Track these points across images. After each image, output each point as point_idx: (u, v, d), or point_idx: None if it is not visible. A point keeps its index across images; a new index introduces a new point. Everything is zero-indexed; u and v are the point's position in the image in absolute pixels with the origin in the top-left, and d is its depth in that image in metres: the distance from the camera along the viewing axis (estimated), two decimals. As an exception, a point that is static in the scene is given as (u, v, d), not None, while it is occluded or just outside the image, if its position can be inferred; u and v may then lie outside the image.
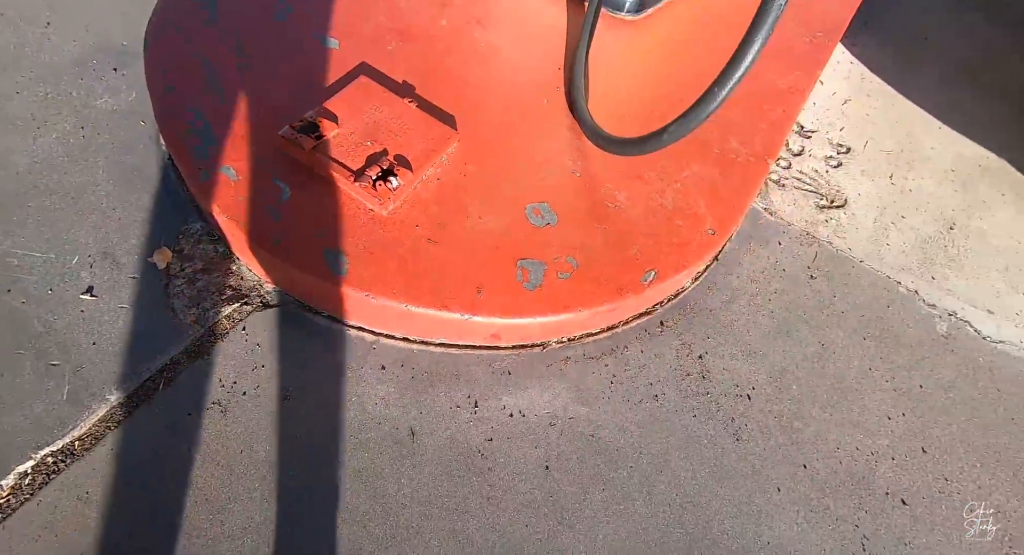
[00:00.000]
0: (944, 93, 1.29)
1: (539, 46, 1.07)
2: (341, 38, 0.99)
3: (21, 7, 1.04)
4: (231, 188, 0.80)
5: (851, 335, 0.93)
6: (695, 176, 0.95)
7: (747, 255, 0.99)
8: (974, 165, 1.19)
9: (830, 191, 1.11)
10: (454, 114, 0.93)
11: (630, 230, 0.87)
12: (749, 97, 1.07)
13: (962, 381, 0.90)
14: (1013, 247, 1.07)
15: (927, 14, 1.46)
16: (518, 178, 0.89)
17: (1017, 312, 0.99)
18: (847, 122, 1.22)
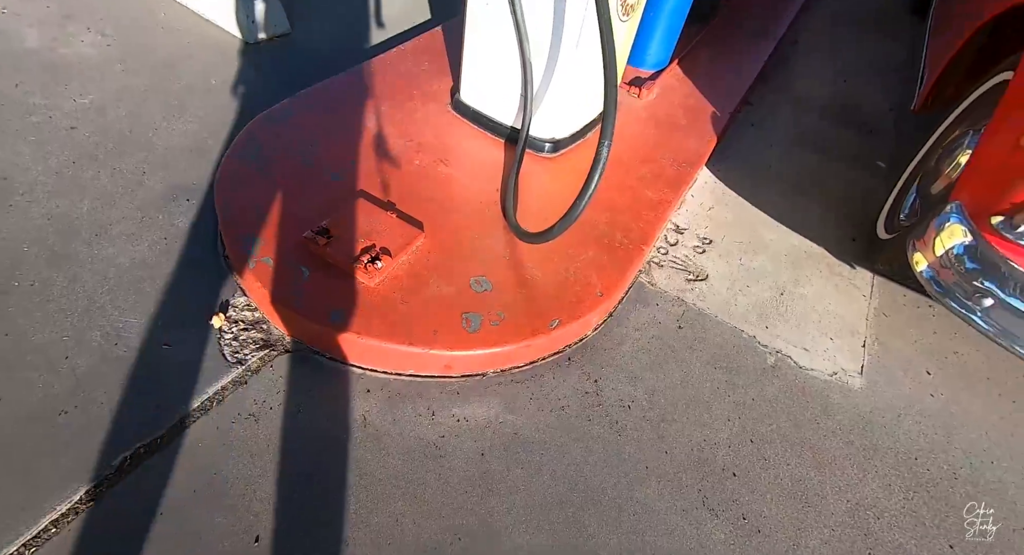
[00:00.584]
0: (780, 203, 1.80)
1: (483, 175, 1.56)
2: (345, 174, 1.46)
3: (123, 164, 1.51)
4: (268, 271, 1.20)
5: (706, 366, 1.30)
6: (590, 258, 1.38)
7: (633, 313, 1.39)
8: (800, 252, 1.65)
9: (696, 269, 1.54)
10: (422, 220, 1.37)
11: (542, 294, 1.27)
12: (632, 205, 1.54)
13: (782, 396, 1.26)
14: (824, 307, 1.49)
15: (770, 149, 2.03)
16: (465, 260, 1.30)
17: (824, 350, 1.38)
18: (710, 223, 1.70)
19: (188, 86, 1.79)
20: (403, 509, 0.98)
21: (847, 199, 1.84)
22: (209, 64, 1.90)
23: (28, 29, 1.86)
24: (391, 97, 1.75)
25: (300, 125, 1.58)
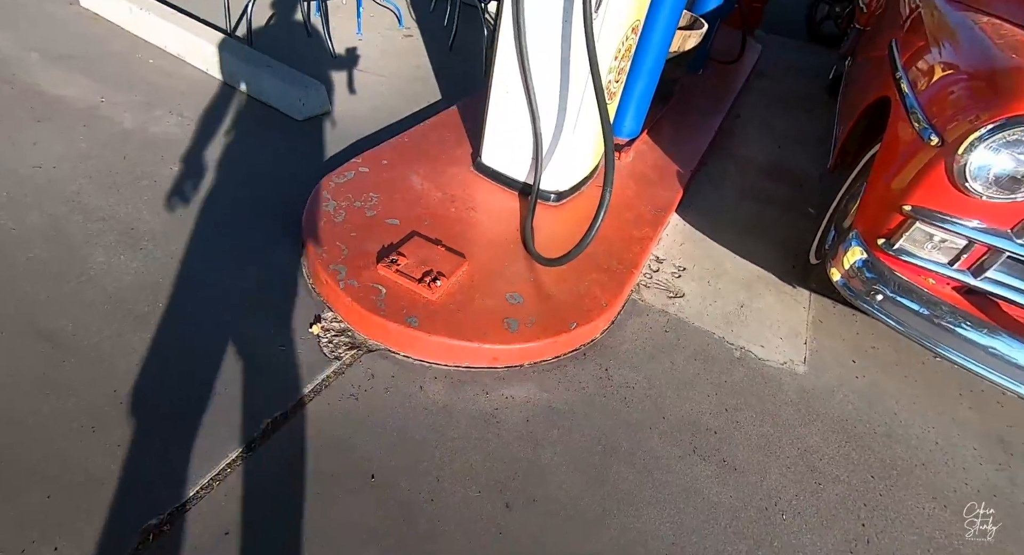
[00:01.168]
0: (735, 240, 2.27)
1: (505, 219, 1.98)
2: (401, 219, 1.87)
3: (218, 215, 1.88)
4: (355, 290, 1.56)
5: (688, 359, 1.69)
6: (594, 279, 1.79)
7: (630, 321, 1.79)
8: (754, 276, 2.10)
9: (675, 289, 1.97)
10: (463, 252, 1.77)
11: (561, 304, 1.66)
12: (623, 240, 1.98)
13: (746, 379, 1.66)
14: (773, 316, 1.92)
15: (723, 199, 2.54)
16: (500, 281, 1.70)
17: (775, 346, 1.79)
18: (683, 255, 2.15)
19: (255, 155, 2.20)
20: (474, 458, 1.31)
21: (786, 236, 2.34)
22: (268, 137, 2.33)
23: (124, 114, 2.26)
24: (426, 160, 2.19)
25: (358, 183, 1.99)
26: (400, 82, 3.02)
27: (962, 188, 1.34)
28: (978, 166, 1.29)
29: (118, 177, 1.93)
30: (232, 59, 2.57)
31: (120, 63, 2.60)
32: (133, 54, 2.72)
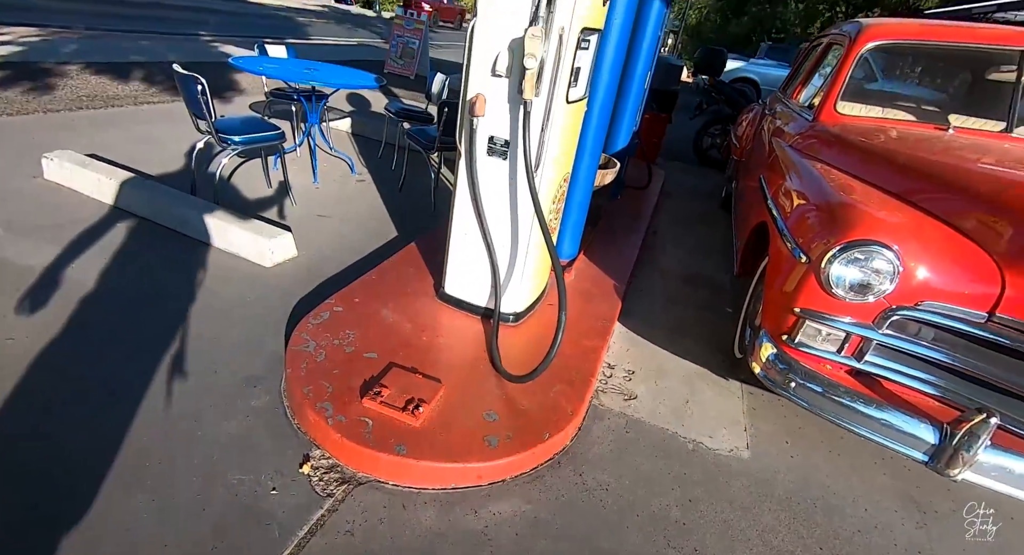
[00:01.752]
0: (671, 342, 2.60)
1: (471, 341, 2.20)
2: (378, 353, 2.04)
3: (201, 365, 1.98)
4: (343, 425, 1.68)
5: (649, 456, 1.89)
6: (559, 390, 2.00)
7: (594, 425, 1.99)
8: (692, 373, 2.40)
9: (628, 392, 2.21)
10: (439, 376, 1.94)
11: (533, 417, 1.85)
12: (577, 352, 2.23)
13: (701, 468, 1.86)
14: (715, 407, 2.19)
15: (654, 307, 2.92)
16: (475, 400, 1.87)
17: (721, 436, 2.04)
18: (630, 359, 2.43)
19: (227, 303, 2.36)
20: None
21: (712, 335, 2.70)
22: (241, 285, 2.50)
23: (94, 276, 2.38)
24: (394, 295, 2.43)
25: (335, 322, 2.18)
26: (359, 223, 3.34)
27: (830, 293, 1.73)
28: (836, 277, 1.70)
29: (92, 335, 2.01)
30: (199, 216, 2.79)
31: (87, 229, 2.75)
32: (100, 218, 2.89)
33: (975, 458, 1.52)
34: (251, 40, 10.93)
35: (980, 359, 1.64)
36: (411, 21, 9.44)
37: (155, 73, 5.91)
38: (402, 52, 9.46)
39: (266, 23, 14.79)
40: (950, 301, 1.62)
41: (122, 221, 2.87)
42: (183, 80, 2.85)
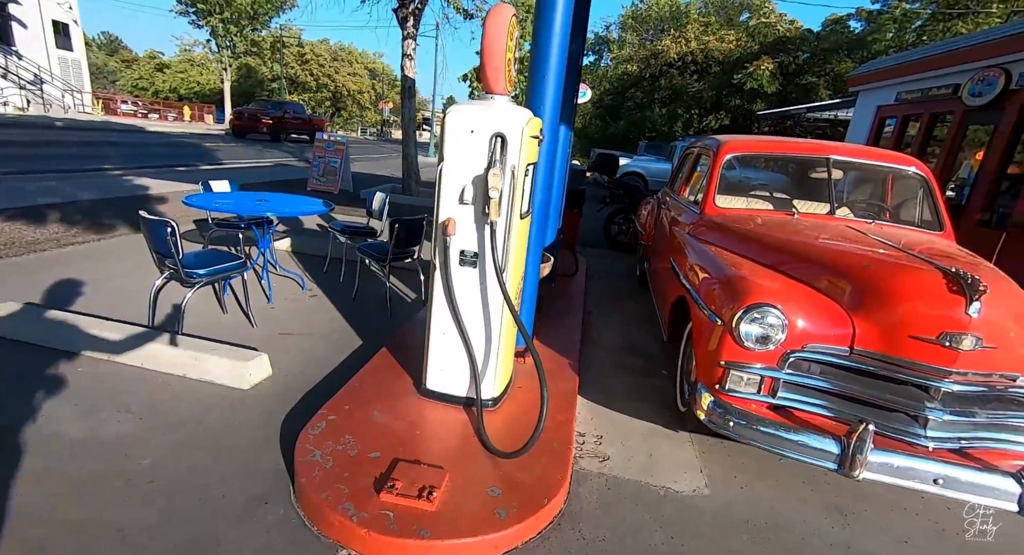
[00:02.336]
0: (625, 405, 3.00)
1: (460, 428, 2.45)
2: (380, 451, 2.23)
3: (208, 492, 2.06)
4: (368, 521, 1.84)
5: (632, 504, 2.19)
6: (545, 461, 2.28)
7: (580, 487, 2.27)
8: (648, 429, 2.79)
9: (601, 454, 2.53)
10: (441, 464, 2.16)
11: (530, 486, 2.10)
12: (553, 426, 2.54)
13: (675, 512, 2.19)
14: (672, 456, 2.57)
15: (603, 376, 3.34)
16: (478, 479, 2.10)
17: (684, 480, 2.40)
18: (596, 426, 2.77)
19: (217, 429, 2.45)
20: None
21: (657, 396, 3.14)
22: (222, 410, 2.60)
23: (69, 425, 2.39)
24: (380, 398, 2.65)
25: (332, 430, 2.35)
26: (322, 336, 3.54)
27: (743, 347, 2.25)
28: (744, 334, 2.23)
29: (87, 486, 2.01)
30: (165, 348, 2.87)
31: (49, 378, 2.73)
32: (61, 367, 2.88)
33: (867, 459, 2.00)
34: (161, 170, 11.13)
35: (852, 382, 2.19)
36: (331, 143, 10.14)
37: (71, 213, 5.86)
38: (324, 171, 10.03)
39: (172, 151, 14.92)
40: (824, 342, 2.19)
41: (82, 366, 2.87)
42: (152, 225, 3.04)
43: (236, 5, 34.03)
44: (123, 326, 3.09)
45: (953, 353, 1.96)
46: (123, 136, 18.15)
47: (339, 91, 47.19)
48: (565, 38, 2.74)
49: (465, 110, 2.29)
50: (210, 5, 33.60)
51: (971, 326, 1.92)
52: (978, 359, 1.97)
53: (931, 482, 1.99)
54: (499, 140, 2.24)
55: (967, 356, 1.96)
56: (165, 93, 44.93)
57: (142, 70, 48.20)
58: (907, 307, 2.05)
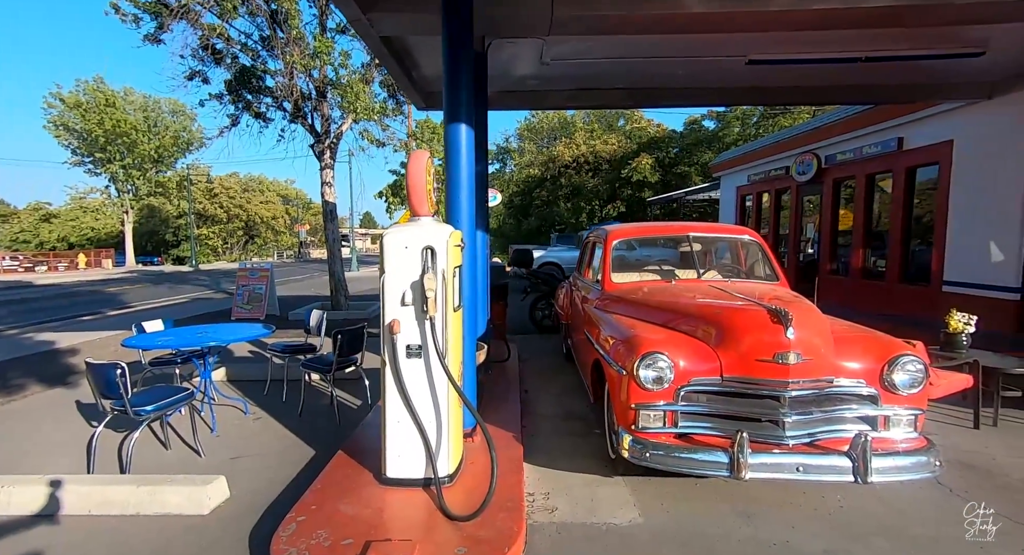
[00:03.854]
0: (568, 463, 3.38)
1: (422, 505, 2.71)
2: (353, 538, 2.44)
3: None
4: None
5: (581, 544, 2.52)
6: (502, 517, 2.59)
7: (534, 536, 2.57)
8: (591, 480, 3.17)
9: (551, 507, 2.86)
10: (410, 537, 2.41)
11: (493, 541, 2.39)
12: (505, 487, 2.86)
13: (618, 542, 2.56)
14: (611, 499, 2.96)
15: (546, 442, 3.73)
16: (445, 545, 2.37)
17: (621, 512, 2.78)
18: (542, 484, 3.12)
19: (195, 543, 2.55)
20: None
21: (594, 451, 3.56)
22: (191, 540, 2.69)
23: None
24: (343, 492, 2.85)
25: (304, 529, 2.53)
26: (274, 454, 3.67)
27: (644, 389, 2.80)
28: (643, 378, 2.79)
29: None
30: (115, 489, 2.90)
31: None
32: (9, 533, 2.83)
33: (748, 461, 2.53)
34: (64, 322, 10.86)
35: (727, 404, 2.79)
36: (255, 271, 10.36)
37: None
38: (248, 298, 10.11)
39: (71, 302, 14.20)
40: (702, 375, 2.80)
41: (31, 529, 2.84)
42: (100, 369, 3.18)
43: (139, 151, 34.44)
44: (66, 476, 3.07)
45: (786, 367, 2.63)
46: (7, 293, 17.02)
47: (251, 220, 47.39)
48: (471, 165, 3.51)
49: (399, 231, 2.86)
50: (109, 154, 33.72)
51: (792, 345, 2.62)
52: (803, 369, 2.65)
53: (795, 470, 2.55)
54: (429, 251, 2.81)
55: (795, 368, 2.63)
56: (52, 243, 42.63)
57: (23, 223, 45.82)
58: (748, 338, 2.73)
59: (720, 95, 6.77)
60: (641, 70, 6.16)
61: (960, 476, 3.17)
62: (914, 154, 8.23)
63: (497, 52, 5.43)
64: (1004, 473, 3.22)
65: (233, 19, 9.18)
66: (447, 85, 3.63)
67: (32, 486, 2.95)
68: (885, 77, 6.44)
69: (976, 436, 3.80)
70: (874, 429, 2.74)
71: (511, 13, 4.40)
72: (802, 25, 4.67)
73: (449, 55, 3.59)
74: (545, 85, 6.81)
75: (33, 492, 2.92)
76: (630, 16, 4.47)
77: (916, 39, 5.05)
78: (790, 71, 6.03)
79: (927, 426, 3.95)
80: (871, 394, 2.72)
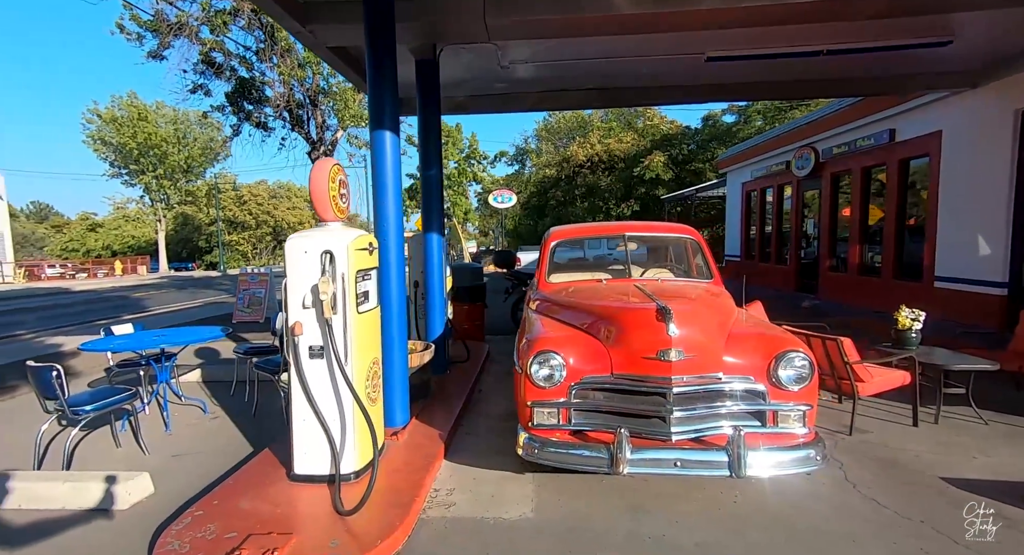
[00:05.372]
0: (487, 462, 3.43)
1: (321, 500, 2.81)
2: (238, 531, 2.55)
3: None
4: (214, 582, 2.16)
5: (467, 538, 2.57)
6: (394, 513, 2.66)
7: (421, 530, 2.64)
8: (500, 477, 3.21)
9: (449, 502, 2.92)
10: (291, 531, 2.51)
11: (372, 535, 2.47)
12: (408, 483, 2.94)
13: (510, 535, 2.60)
14: (508, 491, 3.00)
15: (477, 441, 3.78)
16: (325, 537, 2.46)
17: (508, 509, 2.82)
18: (454, 481, 3.17)
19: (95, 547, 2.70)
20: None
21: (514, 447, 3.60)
22: (105, 532, 2.85)
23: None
24: (252, 488, 2.98)
25: (198, 523, 2.65)
26: (216, 453, 3.81)
27: (538, 386, 2.84)
28: (535, 375, 2.83)
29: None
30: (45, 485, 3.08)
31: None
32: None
33: (627, 457, 2.54)
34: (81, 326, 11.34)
35: (619, 401, 2.79)
36: (255, 276, 10.73)
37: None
38: (249, 302, 10.47)
39: (95, 307, 14.92)
40: (594, 373, 2.82)
41: (-28, 504, 3.05)
42: (37, 371, 3.40)
43: (170, 162, 36.03)
44: (10, 472, 3.27)
45: (668, 364, 2.63)
46: (44, 300, 17.99)
47: (279, 225, 48.84)
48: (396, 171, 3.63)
49: (299, 237, 2.98)
50: (142, 165, 35.37)
51: (673, 343, 2.61)
52: (686, 366, 2.64)
53: (674, 466, 2.54)
54: (328, 255, 2.91)
55: (677, 365, 2.62)
56: (98, 251, 44.99)
57: (73, 233, 48.51)
58: (634, 336, 2.74)
59: (686, 93, 6.70)
60: (604, 70, 6.16)
61: (872, 473, 3.09)
62: (906, 146, 7.95)
63: (456, 57, 5.54)
64: (919, 470, 3.13)
65: (224, 34, 9.57)
66: (371, 95, 3.74)
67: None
68: (862, 70, 6.26)
69: (911, 434, 3.68)
70: (764, 425, 2.70)
71: (452, 21, 4.49)
72: (760, 21, 4.59)
73: (372, 65, 3.71)
74: (515, 88, 6.88)
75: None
76: (573, 19, 4.50)
77: (881, 30, 4.91)
78: (757, 66, 5.92)
79: (867, 423, 3.86)
80: (759, 390, 2.69)
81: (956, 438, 3.57)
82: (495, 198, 24.08)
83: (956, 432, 3.68)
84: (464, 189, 34.06)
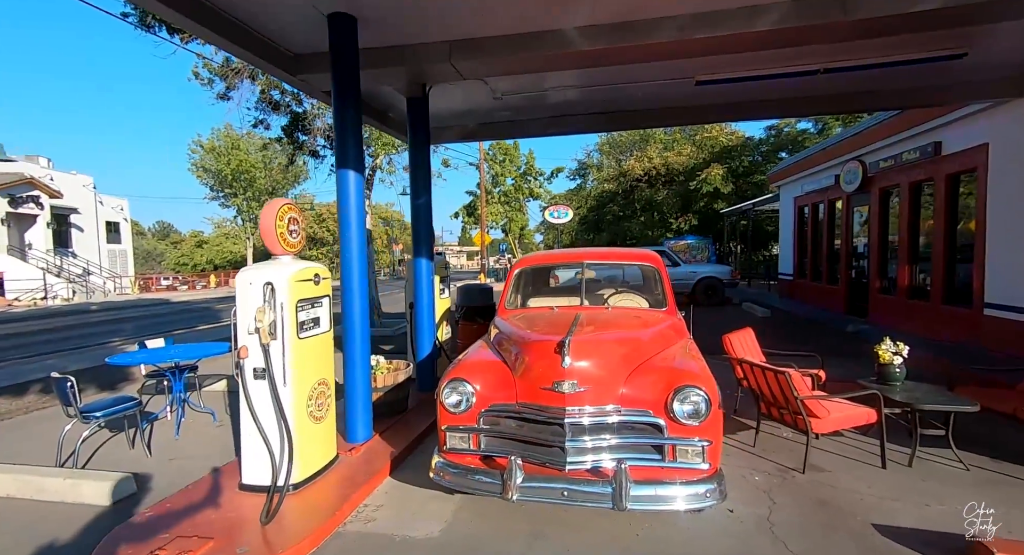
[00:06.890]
0: (428, 481, 3.58)
1: (257, 510, 3.10)
2: (169, 534, 2.89)
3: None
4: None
5: (367, 551, 2.75)
6: (314, 523, 2.89)
7: (330, 542, 2.84)
8: (432, 496, 3.35)
9: (371, 518, 3.11)
10: (213, 535, 2.80)
11: (279, 545, 2.71)
12: (338, 497, 3.16)
13: (397, 551, 2.74)
14: (428, 513, 3.13)
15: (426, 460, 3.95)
16: (235, 542, 2.73)
17: (422, 527, 2.95)
18: (387, 498, 3.36)
19: (75, 536, 3.15)
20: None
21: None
22: (88, 525, 3.31)
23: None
24: (203, 493, 3.33)
25: (144, 522, 3.03)
26: (208, 458, 4.22)
27: (450, 412, 2.97)
28: (447, 401, 2.97)
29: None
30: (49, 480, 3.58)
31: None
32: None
33: (516, 484, 2.60)
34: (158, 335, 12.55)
35: (522, 429, 2.86)
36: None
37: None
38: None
39: (181, 318, 16.66)
40: (501, 401, 2.91)
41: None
42: (56, 382, 4.00)
43: (257, 186, 39.71)
44: (25, 468, 3.85)
45: (562, 395, 2.67)
46: (146, 310, 20.30)
47: (353, 242, 51.76)
48: (359, 205, 3.96)
49: (247, 270, 3.34)
50: (235, 189, 39.22)
51: (567, 374, 2.66)
52: (581, 398, 2.66)
53: (561, 495, 2.57)
54: (269, 286, 3.25)
55: (571, 397, 2.66)
56: (202, 265, 50.08)
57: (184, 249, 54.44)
58: (535, 367, 2.80)
59: (692, 114, 6.56)
60: (598, 97, 6.22)
61: (801, 514, 2.92)
62: (952, 160, 7.26)
63: (455, 90, 5.84)
64: (853, 513, 2.90)
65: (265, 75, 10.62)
66: (336, 137, 4.10)
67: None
68: (884, 83, 5.84)
69: (874, 475, 3.37)
70: (663, 459, 2.66)
71: (426, 64, 4.76)
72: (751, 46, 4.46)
73: (337, 111, 4.08)
74: (518, 115, 7.09)
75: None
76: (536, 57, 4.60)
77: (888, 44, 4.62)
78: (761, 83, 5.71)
79: (832, 461, 3.62)
80: (657, 424, 2.65)
81: (920, 483, 3.25)
82: (551, 213, 24.32)
83: (924, 476, 3.34)
84: (521, 205, 34.57)
